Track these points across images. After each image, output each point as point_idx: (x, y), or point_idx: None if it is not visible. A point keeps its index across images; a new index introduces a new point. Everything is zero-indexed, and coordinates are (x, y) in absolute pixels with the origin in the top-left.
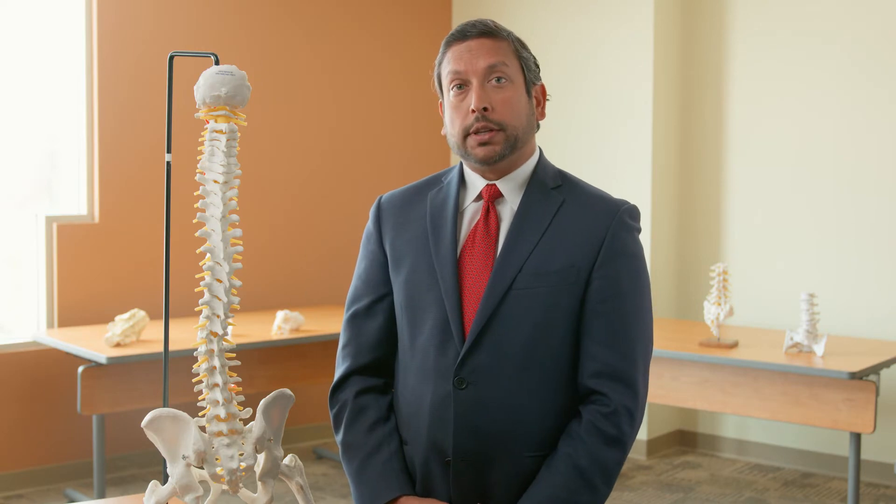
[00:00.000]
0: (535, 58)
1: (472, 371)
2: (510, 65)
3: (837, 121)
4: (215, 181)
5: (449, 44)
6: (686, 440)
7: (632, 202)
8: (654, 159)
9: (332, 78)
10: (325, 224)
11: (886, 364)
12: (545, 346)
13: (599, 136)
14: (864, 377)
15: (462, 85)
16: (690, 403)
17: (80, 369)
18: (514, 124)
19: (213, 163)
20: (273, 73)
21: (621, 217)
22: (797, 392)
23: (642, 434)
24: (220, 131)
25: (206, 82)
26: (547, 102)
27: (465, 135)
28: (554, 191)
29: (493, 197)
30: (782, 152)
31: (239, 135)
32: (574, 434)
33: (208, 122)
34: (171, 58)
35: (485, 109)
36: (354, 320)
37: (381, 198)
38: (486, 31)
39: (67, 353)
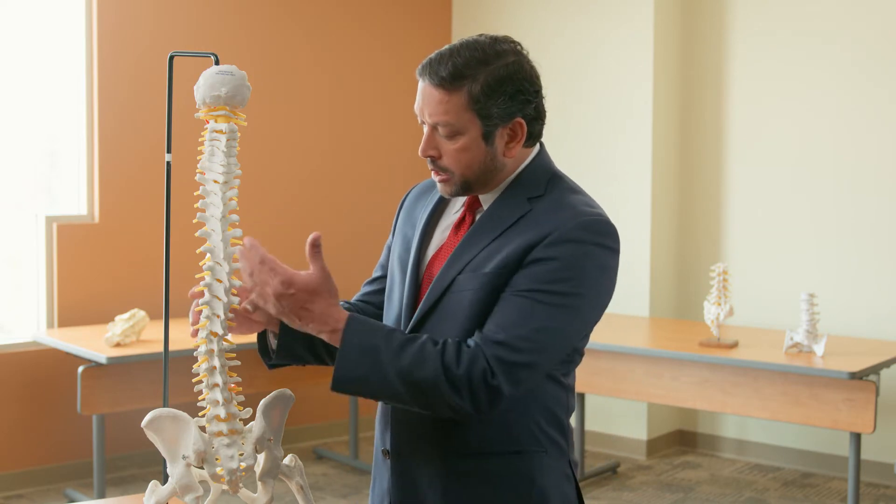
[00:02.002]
0: (518, 90)
1: None
2: (457, 121)
3: (837, 121)
4: (215, 181)
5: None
6: (686, 440)
7: (605, 217)
8: (654, 159)
9: (332, 78)
10: (326, 224)
11: (886, 364)
12: None
13: (599, 137)
14: (864, 377)
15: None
16: (690, 403)
17: (80, 369)
18: (460, 172)
19: (213, 163)
20: (273, 73)
21: (571, 229)
22: (797, 392)
23: (642, 434)
24: (220, 131)
25: (206, 82)
26: (542, 126)
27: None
28: (530, 200)
29: (472, 205)
30: (782, 152)
31: (239, 135)
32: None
33: (208, 122)
34: (172, 58)
35: (432, 156)
36: (365, 284)
37: (413, 187)
38: (439, 82)
39: (67, 353)
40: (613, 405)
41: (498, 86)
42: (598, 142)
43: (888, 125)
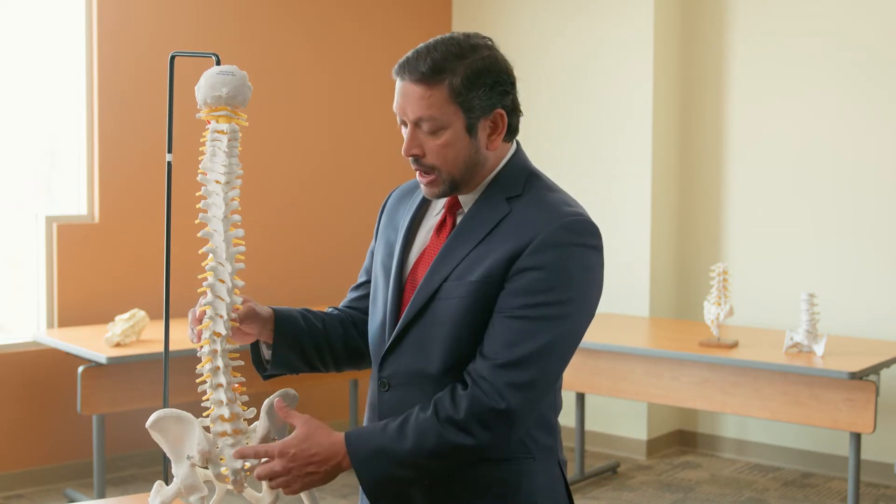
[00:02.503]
0: (496, 81)
1: (392, 374)
2: (441, 115)
3: (837, 121)
4: (217, 181)
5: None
6: (686, 440)
7: (585, 216)
8: (654, 159)
9: (332, 78)
10: (326, 224)
11: (886, 364)
12: (465, 354)
13: (599, 137)
14: (864, 377)
15: (404, 122)
16: (690, 403)
17: (80, 369)
18: (447, 168)
19: (214, 163)
20: (273, 73)
21: (553, 232)
22: (797, 392)
23: (642, 434)
24: (222, 132)
25: (207, 82)
26: (520, 119)
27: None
28: (509, 200)
29: (453, 207)
30: (782, 152)
31: (240, 135)
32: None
33: (210, 123)
34: (172, 58)
35: (416, 154)
36: (351, 290)
37: (394, 190)
38: (420, 78)
39: (67, 353)
40: (613, 405)
41: (477, 77)
42: (598, 142)
43: (888, 125)
